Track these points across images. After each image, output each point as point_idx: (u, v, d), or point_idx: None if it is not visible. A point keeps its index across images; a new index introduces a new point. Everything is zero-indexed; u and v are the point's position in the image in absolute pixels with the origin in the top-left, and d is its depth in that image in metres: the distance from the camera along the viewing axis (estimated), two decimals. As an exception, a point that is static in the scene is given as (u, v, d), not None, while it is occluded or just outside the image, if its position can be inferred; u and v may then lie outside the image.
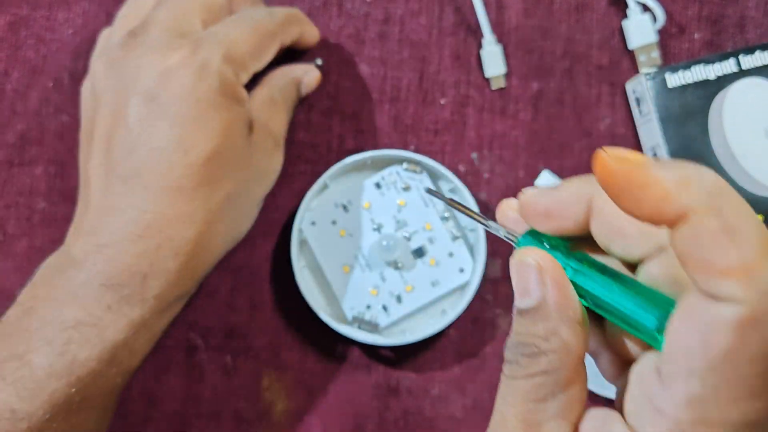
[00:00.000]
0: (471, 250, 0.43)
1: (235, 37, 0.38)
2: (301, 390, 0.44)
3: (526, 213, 0.26)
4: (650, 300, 0.23)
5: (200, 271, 0.38)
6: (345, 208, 0.43)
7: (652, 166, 0.22)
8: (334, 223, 0.43)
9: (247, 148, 0.38)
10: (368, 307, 0.42)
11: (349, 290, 0.43)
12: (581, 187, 0.25)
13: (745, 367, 0.20)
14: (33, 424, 0.33)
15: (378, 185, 0.43)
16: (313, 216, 0.43)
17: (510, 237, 0.27)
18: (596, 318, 0.26)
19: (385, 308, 0.42)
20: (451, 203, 0.30)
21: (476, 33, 0.45)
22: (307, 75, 0.43)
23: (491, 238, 0.45)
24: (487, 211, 0.45)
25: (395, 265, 0.43)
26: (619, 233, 0.24)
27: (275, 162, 0.41)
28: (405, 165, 0.43)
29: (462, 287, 0.43)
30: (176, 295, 0.37)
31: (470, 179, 0.45)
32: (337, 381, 0.44)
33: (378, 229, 0.43)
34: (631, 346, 0.25)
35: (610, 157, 0.23)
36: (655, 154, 0.44)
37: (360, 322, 0.42)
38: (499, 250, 0.45)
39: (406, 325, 0.43)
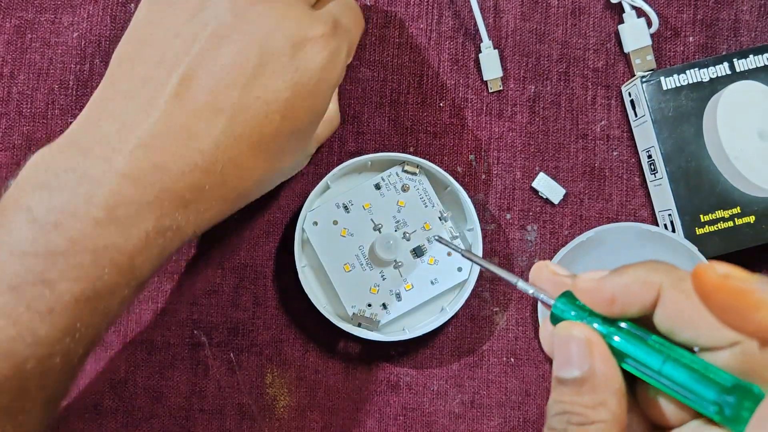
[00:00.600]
0: (469, 249, 0.44)
1: (356, 32, 0.38)
2: (303, 386, 0.45)
3: (591, 299, 0.26)
4: (708, 372, 0.24)
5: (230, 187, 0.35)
6: (346, 208, 0.44)
7: (763, 289, 0.23)
8: (335, 223, 0.44)
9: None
10: (369, 305, 0.43)
11: (350, 288, 0.43)
12: (649, 275, 0.25)
13: None
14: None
15: (378, 186, 0.44)
16: (315, 216, 0.43)
17: (542, 297, 0.28)
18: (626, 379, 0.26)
19: (384, 306, 0.43)
20: (468, 256, 0.32)
21: (474, 37, 0.46)
22: None
23: (488, 238, 0.45)
24: (486, 209, 0.45)
25: (395, 264, 0.43)
26: (690, 324, 0.25)
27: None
28: (404, 166, 0.44)
29: (460, 285, 0.44)
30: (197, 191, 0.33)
31: (468, 180, 0.46)
32: (338, 377, 0.45)
33: (378, 228, 0.44)
34: (668, 410, 0.26)
35: (717, 273, 0.23)
36: (650, 156, 0.44)
37: (361, 319, 0.43)
38: (495, 249, 0.45)
39: (406, 322, 0.44)
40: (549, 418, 0.26)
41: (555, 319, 0.27)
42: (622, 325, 0.26)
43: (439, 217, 0.44)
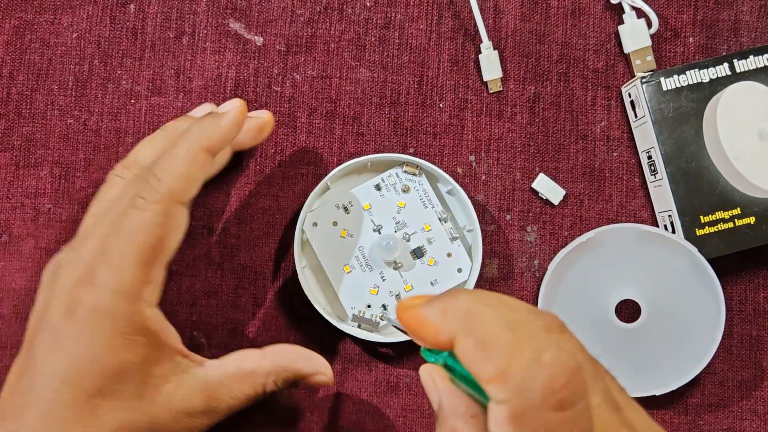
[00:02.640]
0: (469, 250, 0.44)
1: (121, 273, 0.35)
2: (301, 387, 0.45)
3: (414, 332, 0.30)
4: None
5: None
6: (346, 209, 0.44)
7: (423, 307, 0.28)
8: (335, 224, 0.44)
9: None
10: (369, 306, 0.43)
11: (349, 290, 0.43)
12: (443, 324, 0.29)
13: None
14: None
15: (378, 187, 0.44)
16: (315, 217, 0.43)
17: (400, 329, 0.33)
18: None
19: (384, 307, 0.43)
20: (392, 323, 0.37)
21: (474, 38, 0.46)
22: (317, 376, 0.40)
23: (488, 239, 0.45)
24: (486, 210, 0.45)
25: (395, 265, 0.43)
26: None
27: (196, 425, 0.38)
28: (404, 167, 0.44)
29: (460, 286, 0.44)
30: None
31: (468, 181, 0.45)
32: (337, 378, 0.45)
33: (378, 229, 0.44)
34: None
35: (399, 307, 0.30)
36: (650, 157, 0.44)
37: (361, 320, 0.43)
38: (495, 250, 0.45)
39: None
40: None
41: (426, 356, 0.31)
42: None
43: (439, 218, 0.44)
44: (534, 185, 0.45)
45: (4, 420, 0.35)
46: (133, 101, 0.46)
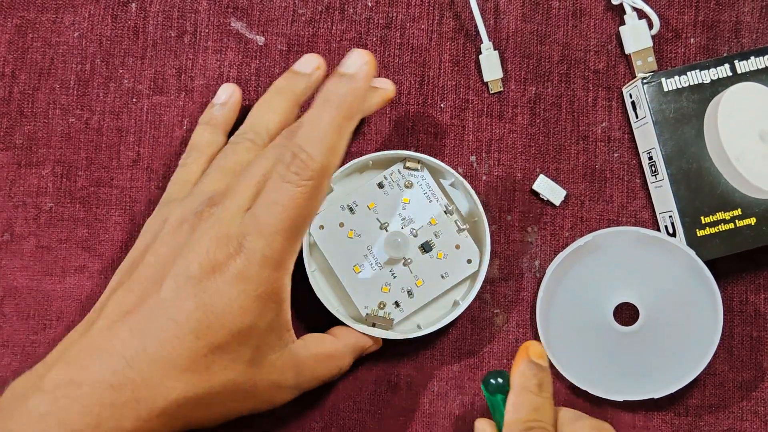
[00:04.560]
0: (476, 240, 0.44)
1: (273, 238, 0.35)
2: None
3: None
4: None
5: None
6: (351, 209, 0.44)
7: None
8: (341, 225, 0.43)
9: (263, 364, 0.38)
10: (381, 304, 0.43)
11: (361, 289, 0.43)
12: None
13: None
14: None
15: (381, 185, 0.44)
16: (321, 220, 0.43)
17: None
18: None
19: (397, 304, 0.43)
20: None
21: (475, 38, 0.46)
22: (372, 346, 0.44)
23: (494, 230, 0.45)
24: (487, 211, 0.45)
25: (404, 262, 0.43)
26: None
27: (280, 398, 0.40)
28: (405, 163, 0.44)
29: (471, 277, 0.44)
30: None
31: (469, 182, 0.45)
32: (338, 377, 0.45)
33: (384, 227, 0.44)
34: None
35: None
36: (650, 158, 0.44)
37: (375, 319, 0.43)
38: (496, 251, 0.45)
39: (419, 318, 0.44)
40: None
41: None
42: None
43: (445, 211, 0.44)
44: (535, 186, 0.45)
45: (102, 352, 0.35)
46: (134, 100, 0.46)
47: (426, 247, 0.43)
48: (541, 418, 0.36)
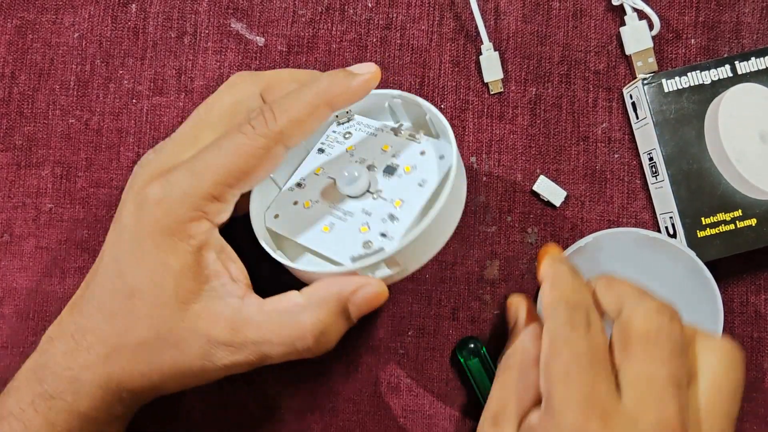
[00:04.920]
0: (438, 136, 0.41)
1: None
2: (303, 387, 0.45)
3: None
4: None
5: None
6: (299, 185, 0.41)
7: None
8: (295, 203, 0.41)
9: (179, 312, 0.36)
10: (367, 244, 0.38)
11: (336, 244, 0.39)
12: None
13: None
14: None
15: (321, 150, 0.42)
16: (274, 209, 0.41)
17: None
18: None
19: (384, 234, 0.38)
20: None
21: (475, 39, 0.46)
22: (362, 289, 0.36)
23: (489, 240, 0.45)
24: (488, 209, 0.45)
25: (373, 196, 0.39)
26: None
27: (216, 356, 0.36)
28: (336, 121, 0.42)
29: (450, 174, 0.38)
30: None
31: (469, 182, 0.45)
32: (338, 379, 0.45)
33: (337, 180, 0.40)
34: None
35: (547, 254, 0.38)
36: (651, 159, 0.44)
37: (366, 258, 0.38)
38: (496, 252, 0.45)
39: (417, 248, 0.38)
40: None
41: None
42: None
43: (393, 131, 0.40)
44: (535, 187, 0.45)
45: (72, 314, 0.38)
46: (134, 101, 0.46)
47: (389, 171, 0.40)
48: (581, 299, 0.35)
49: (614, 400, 0.32)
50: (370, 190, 0.39)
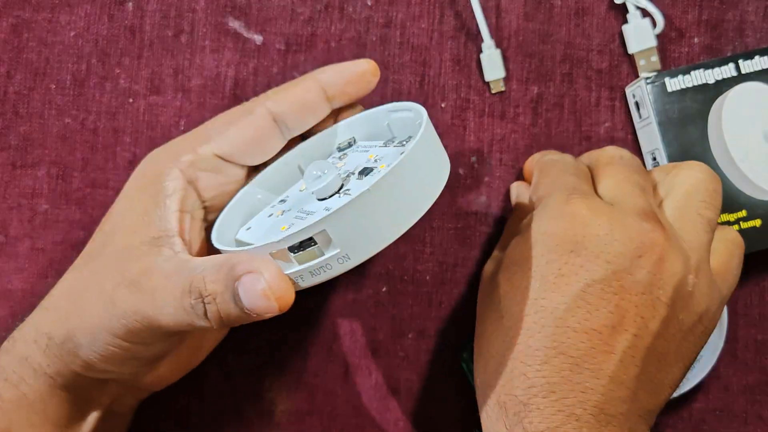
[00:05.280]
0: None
1: None
2: (301, 390, 0.45)
3: None
4: None
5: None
6: (283, 201, 0.38)
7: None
8: (270, 216, 0.37)
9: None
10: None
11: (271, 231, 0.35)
12: None
13: None
14: None
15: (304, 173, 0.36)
16: (249, 224, 0.38)
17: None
18: None
19: (343, 190, 0.33)
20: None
21: (476, 37, 0.46)
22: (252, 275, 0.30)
23: (491, 241, 0.45)
24: (489, 210, 0.45)
25: (338, 195, 0.33)
26: None
27: (120, 299, 0.34)
28: (338, 147, 0.39)
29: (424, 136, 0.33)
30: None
31: (470, 182, 0.45)
32: (337, 381, 0.45)
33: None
34: None
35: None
36: (654, 158, 0.44)
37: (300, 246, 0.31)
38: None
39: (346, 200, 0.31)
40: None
41: None
42: None
43: (385, 145, 0.36)
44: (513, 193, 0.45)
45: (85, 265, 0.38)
46: (131, 100, 0.45)
47: (365, 172, 0.34)
48: (577, 183, 0.38)
49: (595, 195, 0.38)
50: (343, 187, 0.34)
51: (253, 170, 0.39)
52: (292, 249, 0.30)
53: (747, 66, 0.43)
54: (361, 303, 0.45)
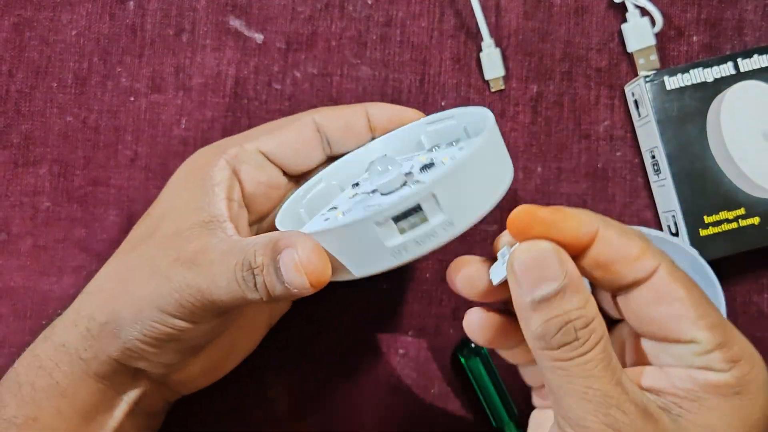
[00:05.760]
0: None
1: None
2: (301, 388, 0.45)
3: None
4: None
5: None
6: (334, 208, 0.37)
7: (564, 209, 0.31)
8: (326, 220, 0.36)
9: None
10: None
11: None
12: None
13: None
14: None
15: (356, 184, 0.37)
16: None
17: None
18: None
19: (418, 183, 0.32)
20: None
21: (476, 36, 0.46)
22: (297, 247, 0.31)
23: (489, 240, 0.45)
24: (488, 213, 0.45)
25: (407, 184, 0.33)
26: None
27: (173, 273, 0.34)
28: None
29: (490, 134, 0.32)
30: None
31: (470, 180, 0.45)
32: (337, 379, 0.45)
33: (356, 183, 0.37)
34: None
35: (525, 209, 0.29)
36: (653, 157, 0.44)
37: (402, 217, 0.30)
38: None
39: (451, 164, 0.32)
40: (545, 349, 0.28)
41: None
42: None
43: (429, 150, 0.37)
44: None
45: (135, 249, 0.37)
46: (132, 99, 0.45)
47: (427, 167, 0.34)
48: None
49: None
50: (405, 180, 0.34)
51: (294, 183, 0.39)
52: (396, 219, 0.29)
53: (746, 64, 0.43)
54: (361, 300, 0.45)
